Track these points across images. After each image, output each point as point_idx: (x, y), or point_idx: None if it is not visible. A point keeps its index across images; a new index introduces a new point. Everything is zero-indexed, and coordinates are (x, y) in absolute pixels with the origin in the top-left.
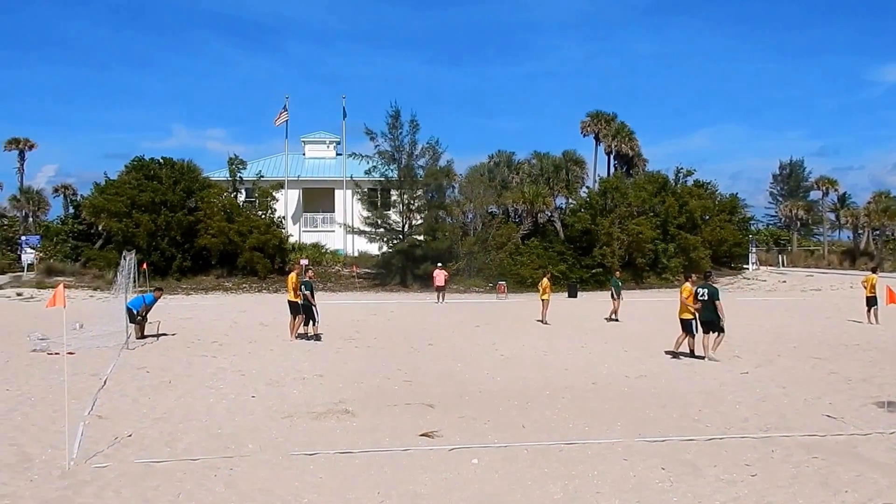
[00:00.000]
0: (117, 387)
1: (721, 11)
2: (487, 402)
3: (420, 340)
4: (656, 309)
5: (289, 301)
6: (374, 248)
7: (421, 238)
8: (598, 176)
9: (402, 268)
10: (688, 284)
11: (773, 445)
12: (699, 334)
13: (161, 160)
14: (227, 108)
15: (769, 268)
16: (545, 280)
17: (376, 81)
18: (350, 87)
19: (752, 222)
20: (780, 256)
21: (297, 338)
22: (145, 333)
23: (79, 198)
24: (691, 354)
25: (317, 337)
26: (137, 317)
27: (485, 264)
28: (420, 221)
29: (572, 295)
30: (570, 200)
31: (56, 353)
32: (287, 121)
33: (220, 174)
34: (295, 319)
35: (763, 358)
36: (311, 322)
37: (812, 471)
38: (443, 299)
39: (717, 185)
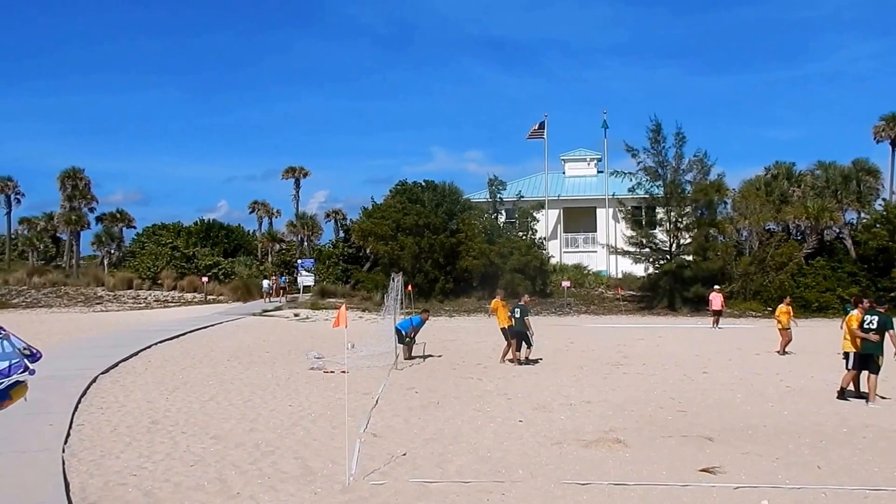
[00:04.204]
0: (388, 406)
1: None
2: (774, 437)
3: (693, 368)
4: None
5: (501, 328)
6: (639, 269)
7: (690, 258)
8: None
9: (669, 290)
10: (857, 312)
11: None
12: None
13: (423, 183)
14: (486, 130)
15: None
16: (784, 306)
17: (637, 95)
18: (610, 101)
19: None
20: None
21: (509, 362)
22: (412, 354)
23: (348, 222)
24: (841, 393)
25: (529, 361)
26: (406, 338)
27: (762, 286)
28: (689, 240)
29: None
30: (863, 215)
31: (331, 372)
32: (545, 139)
33: (479, 195)
34: (508, 345)
35: None
36: (524, 346)
37: None
38: (717, 324)
39: None
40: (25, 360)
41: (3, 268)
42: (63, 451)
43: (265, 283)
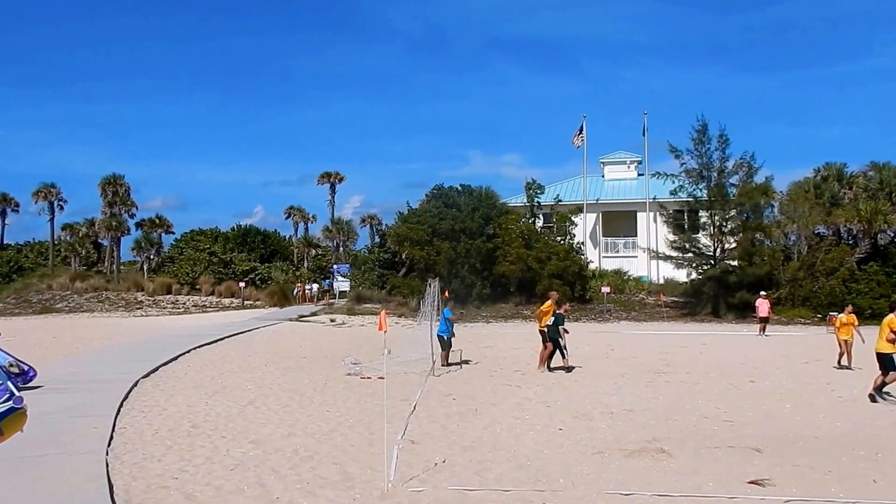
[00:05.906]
0: (426, 412)
1: None
2: (826, 449)
3: (740, 376)
4: None
5: (539, 329)
6: (681, 275)
7: (735, 263)
8: None
9: (713, 296)
10: (893, 316)
11: None
12: None
13: (459, 188)
14: (523, 133)
15: None
16: (843, 316)
17: (678, 95)
18: (649, 102)
19: None
20: None
21: (548, 370)
22: (449, 361)
23: (383, 227)
24: (878, 391)
25: (566, 370)
26: (449, 338)
27: (812, 292)
28: (734, 245)
29: None
30: None
31: (368, 378)
32: (584, 142)
33: (517, 200)
34: (546, 349)
35: None
36: (560, 354)
37: None
38: (764, 331)
39: None
40: (9, 384)
41: (46, 273)
42: (107, 454)
43: (314, 286)
